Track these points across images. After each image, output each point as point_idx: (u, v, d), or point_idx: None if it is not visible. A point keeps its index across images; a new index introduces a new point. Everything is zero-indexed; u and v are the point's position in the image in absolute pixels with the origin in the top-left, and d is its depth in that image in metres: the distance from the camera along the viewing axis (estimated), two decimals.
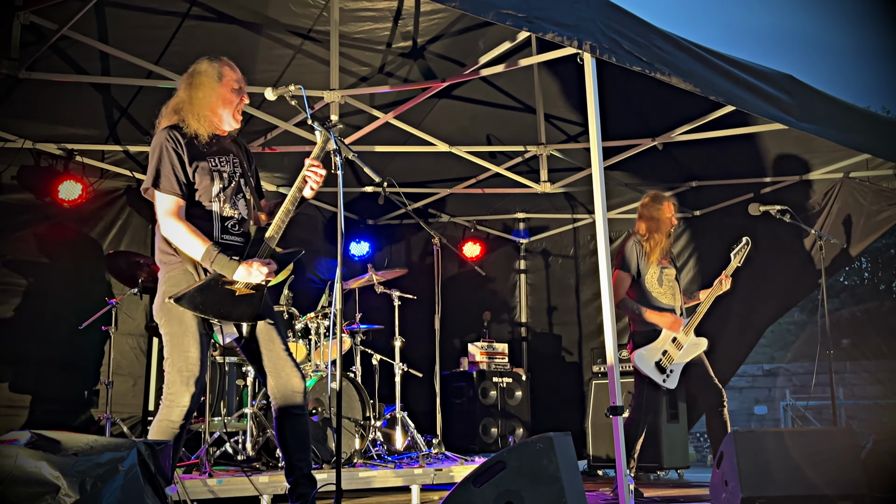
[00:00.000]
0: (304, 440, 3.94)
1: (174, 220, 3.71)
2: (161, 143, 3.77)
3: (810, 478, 4.47)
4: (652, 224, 5.93)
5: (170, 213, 3.73)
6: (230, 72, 3.94)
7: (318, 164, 3.90)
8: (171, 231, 3.73)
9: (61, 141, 6.82)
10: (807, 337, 20.97)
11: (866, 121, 6.18)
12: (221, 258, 3.67)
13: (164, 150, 3.75)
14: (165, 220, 3.73)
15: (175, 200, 3.74)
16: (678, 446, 7.51)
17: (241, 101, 3.96)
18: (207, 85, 3.87)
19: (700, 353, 5.80)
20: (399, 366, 6.94)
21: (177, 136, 3.78)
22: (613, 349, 4.15)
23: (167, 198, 3.73)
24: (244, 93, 3.98)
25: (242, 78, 4.00)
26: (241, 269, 3.70)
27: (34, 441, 2.67)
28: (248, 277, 3.71)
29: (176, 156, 3.75)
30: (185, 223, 3.72)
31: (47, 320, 6.67)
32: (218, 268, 3.67)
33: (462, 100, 7.65)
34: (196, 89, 3.88)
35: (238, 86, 3.94)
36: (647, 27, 4.64)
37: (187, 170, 3.76)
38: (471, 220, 9.67)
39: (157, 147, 3.78)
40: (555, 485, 3.35)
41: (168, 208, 3.73)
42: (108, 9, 5.60)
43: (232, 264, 3.68)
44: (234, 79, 3.93)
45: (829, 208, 7.60)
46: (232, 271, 3.68)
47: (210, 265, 3.67)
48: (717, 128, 6.85)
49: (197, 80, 3.90)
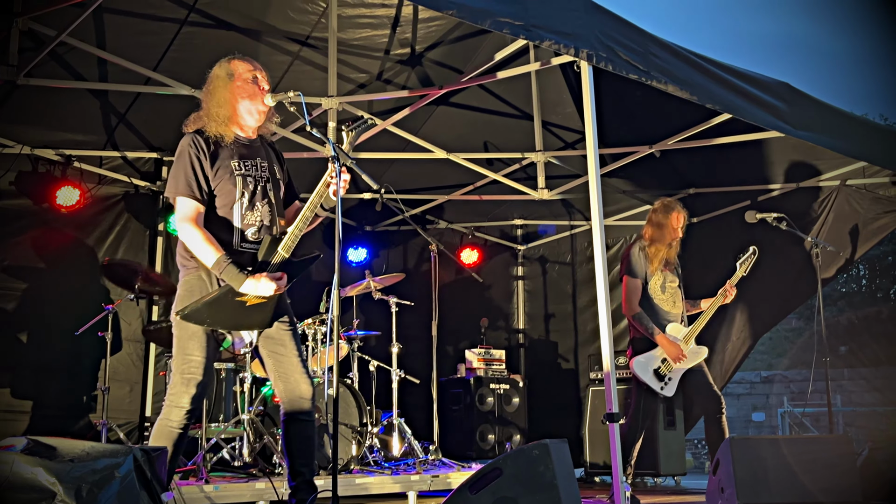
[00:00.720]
0: (309, 447, 3.94)
1: (191, 226, 3.71)
2: (184, 147, 3.78)
3: (806, 485, 4.47)
4: (656, 232, 5.92)
5: (187, 218, 3.72)
6: (240, 64, 3.92)
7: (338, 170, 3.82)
8: (187, 236, 3.73)
9: (59, 147, 6.83)
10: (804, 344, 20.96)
11: (863, 128, 6.19)
12: (231, 269, 3.65)
13: (186, 155, 3.76)
14: (182, 226, 3.73)
15: (194, 206, 3.73)
16: (675, 453, 7.50)
17: (259, 89, 3.90)
18: (220, 86, 3.87)
19: (700, 360, 5.81)
20: (396, 372, 6.94)
21: (199, 142, 3.78)
22: (610, 356, 4.16)
23: (186, 202, 3.74)
24: (261, 80, 3.93)
25: (258, 66, 3.97)
26: (250, 282, 3.68)
27: (30, 447, 2.68)
28: (256, 291, 3.70)
29: (197, 161, 3.75)
30: (201, 230, 3.71)
31: (45, 325, 6.67)
32: (227, 279, 3.66)
33: (460, 107, 7.67)
34: (211, 95, 3.88)
35: (251, 75, 3.91)
36: (644, 35, 4.66)
37: (208, 175, 3.76)
38: (468, 227, 9.69)
39: (180, 152, 3.79)
40: (551, 491, 3.35)
41: (186, 213, 3.73)
42: (106, 15, 5.61)
43: (240, 277, 3.66)
44: (245, 69, 3.91)
45: (825, 216, 7.60)
46: (240, 284, 3.66)
47: (219, 275, 3.68)
48: (714, 135, 6.86)
49: (211, 85, 3.91)
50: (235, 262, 3.68)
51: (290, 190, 4.18)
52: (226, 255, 3.68)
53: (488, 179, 8.29)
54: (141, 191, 7.43)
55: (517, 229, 9.89)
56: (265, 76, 3.98)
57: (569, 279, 9.58)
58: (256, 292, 3.70)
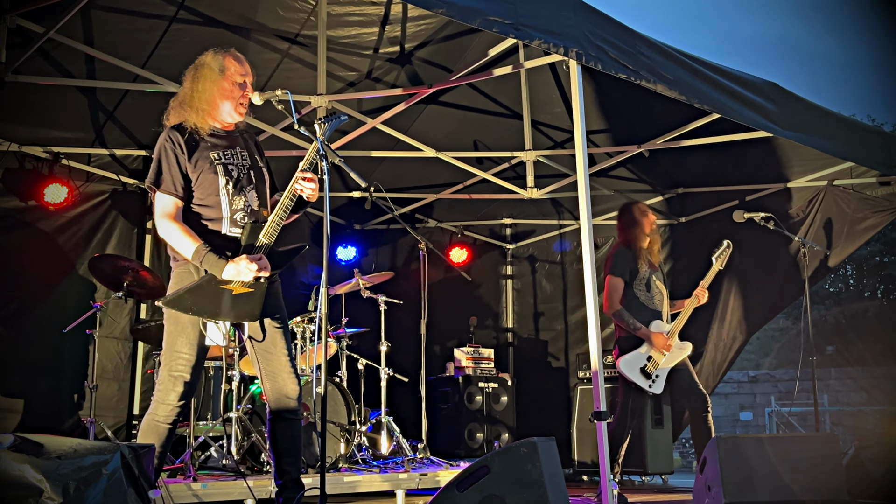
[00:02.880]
0: (296, 445, 3.94)
1: (168, 221, 3.73)
2: (161, 144, 3.80)
3: (792, 484, 4.49)
4: (630, 231, 5.96)
5: (165, 214, 3.75)
6: (233, 64, 3.92)
7: (307, 176, 3.84)
8: (165, 231, 3.75)
9: (47, 144, 6.80)
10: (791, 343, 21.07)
11: (850, 129, 6.23)
12: (210, 257, 3.67)
13: (163, 151, 3.78)
14: (160, 221, 3.75)
15: (172, 201, 3.76)
16: (663, 452, 7.53)
17: (243, 94, 3.92)
18: (209, 77, 3.88)
19: (685, 357, 5.83)
20: (385, 370, 6.94)
21: (177, 137, 3.79)
22: (598, 355, 4.17)
23: (164, 198, 3.76)
24: (248, 86, 3.94)
25: (249, 71, 3.97)
26: (230, 267, 3.69)
27: (17, 444, 2.67)
28: (238, 276, 3.70)
29: (174, 157, 3.76)
30: (178, 224, 3.73)
31: (33, 323, 6.64)
32: (207, 267, 3.68)
33: (449, 106, 7.67)
34: (198, 81, 3.89)
35: (241, 79, 3.91)
36: (633, 35, 4.68)
37: (187, 171, 3.77)
38: (457, 226, 9.69)
39: (158, 148, 3.81)
40: (538, 489, 3.37)
41: (164, 209, 3.75)
42: (94, 12, 5.58)
43: (220, 263, 3.68)
44: (237, 72, 3.91)
45: (813, 215, 7.63)
46: (220, 270, 3.68)
47: (200, 264, 3.68)
48: (702, 135, 6.88)
49: (199, 72, 3.91)
50: (214, 249, 3.69)
51: (273, 179, 4.17)
52: (204, 243, 3.69)
53: (478, 178, 8.29)
54: (129, 188, 7.41)
55: (506, 228, 9.89)
56: (251, 81, 3.99)
57: (558, 278, 9.59)
58: (238, 277, 3.70)
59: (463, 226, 9.71)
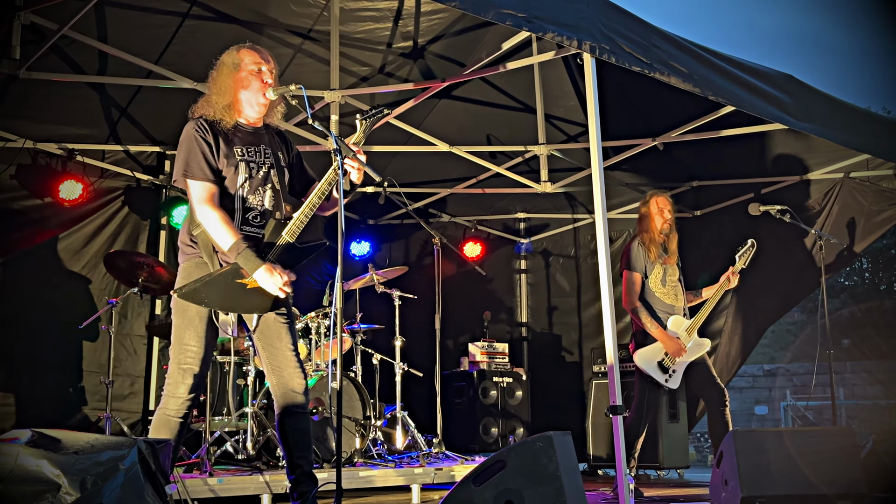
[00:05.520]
0: (305, 438, 3.94)
1: (208, 207, 3.71)
2: (189, 133, 3.79)
3: (810, 477, 4.47)
4: (642, 223, 5.97)
5: (203, 199, 3.73)
6: (248, 54, 3.91)
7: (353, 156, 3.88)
8: (205, 218, 3.72)
9: (61, 140, 6.82)
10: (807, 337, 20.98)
11: (866, 121, 6.18)
12: (248, 253, 3.66)
13: (193, 140, 3.77)
14: (200, 208, 3.73)
15: (207, 187, 3.74)
16: (678, 446, 7.51)
17: (262, 83, 3.89)
18: (225, 73, 3.88)
19: (703, 353, 5.81)
20: (399, 365, 6.94)
21: (204, 125, 3.79)
22: (613, 349, 4.15)
23: (199, 184, 3.74)
24: (265, 73, 3.91)
25: (268, 59, 3.96)
26: (265, 273, 3.68)
27: (35, 439, 2.67)
28: (266, 284, 3.70)
29: (205, 143, 3.76)
30: (220, 211, 3.72)
31: (47, 320, 6.67)
32: (242, 261, 3.67)
33: (462, 100, 7.66)
34: (215, 81, 3.90)
35: (257, 67, 3.90)
36: (647, 27, 4.65)
37: (218, 156, 3.78)
38: (471, 220, 9.67)
39: (186, 137, 3.80)
40: (554, 484, 3.35)
41: (201, 195, 3.74)
42: (108, 8, 5.60)
43: (257, 262, 3.68)
44: (252, 61, 3.90)
45: (829, 208, 7.59)
46: (254, 269, 3.67)
47: (235, 257, 3.67)
48: (717, 128, 6.85)
49: (217, 71, 3.92)
50: (251, 247, 3.69)
51: (305, 176, 4.17)
52: (242, 238, 3.69)
53: (491, 173, 8.28)
54: (143, 184, 7.43)
55: (520, 222, 9.86)
56: (272, 68, 3.96)
57: (572, 272, 9.57)
58: (266, 285, 3.71)
59: (476, 220, 9.69)
